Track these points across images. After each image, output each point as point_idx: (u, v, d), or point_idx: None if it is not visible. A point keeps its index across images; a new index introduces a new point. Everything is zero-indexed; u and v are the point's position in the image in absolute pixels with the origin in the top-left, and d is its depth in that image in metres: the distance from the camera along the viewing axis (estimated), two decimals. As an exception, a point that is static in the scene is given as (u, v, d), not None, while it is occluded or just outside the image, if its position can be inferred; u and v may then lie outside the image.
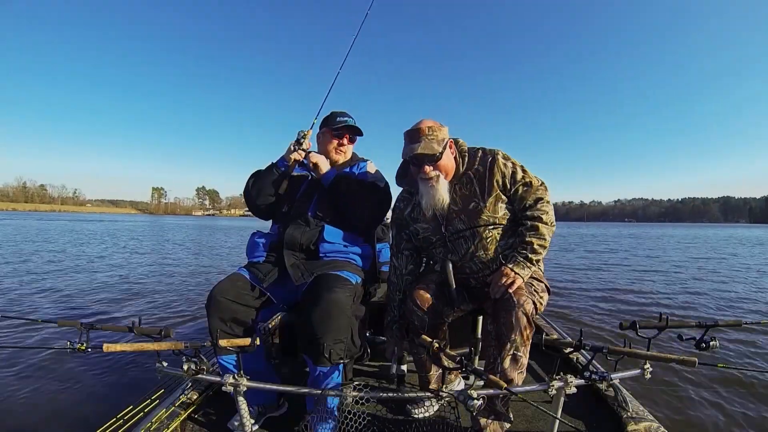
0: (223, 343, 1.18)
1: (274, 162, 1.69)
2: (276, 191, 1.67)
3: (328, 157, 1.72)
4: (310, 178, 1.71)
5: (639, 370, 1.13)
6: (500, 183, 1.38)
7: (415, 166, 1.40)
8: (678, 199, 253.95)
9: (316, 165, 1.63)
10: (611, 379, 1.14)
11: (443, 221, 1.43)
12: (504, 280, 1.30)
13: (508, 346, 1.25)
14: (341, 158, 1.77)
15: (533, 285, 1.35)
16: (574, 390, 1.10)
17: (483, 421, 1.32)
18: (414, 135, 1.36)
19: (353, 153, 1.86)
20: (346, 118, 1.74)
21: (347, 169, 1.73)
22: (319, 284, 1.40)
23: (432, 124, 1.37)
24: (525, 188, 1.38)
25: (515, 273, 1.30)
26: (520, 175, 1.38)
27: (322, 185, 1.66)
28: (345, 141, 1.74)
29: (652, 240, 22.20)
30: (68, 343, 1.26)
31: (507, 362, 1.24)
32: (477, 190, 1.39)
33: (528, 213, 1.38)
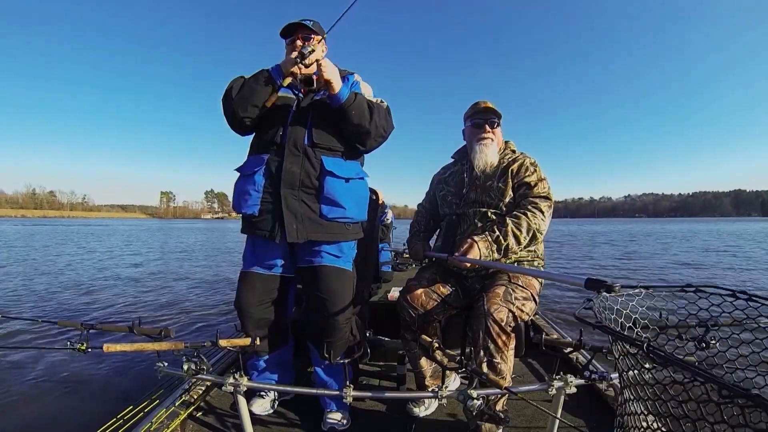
0: (223, 343, 1.18)
1: (266, 69, 1.38)
2: (263, 104, 1.37)
3: (291, 68, 1.35)
4: (297, 101, 1.44)
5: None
6: (513, 172, 1.50)
7: (478, 122, 1.60)
8: (689, 194, 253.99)
9: (328, 82, 1.31)
10: (611, 379, 1.14)
11: (465, 188, 1.60)
12: (464, 246, 1.34)
13: (482, 353, 1.25)
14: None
15: (513, 293, 1.33)
16: (574, 390, 1.10)
17: (479, 420, 1.33)
18: (485, 102, 1.62)
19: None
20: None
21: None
22: (317, 282, 1.40)
23: None
24: (527, 188, 1.46)
25: (478, 247, 1.32)
26: (533, 177, 1.47)
27: (314, 109, 1.41)
28: (298, 40, 1.41)
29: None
30: (68, 343, 1.26)
31: (484, 368, 1.24)
32: (498, 173, 1.53)
33: (519, 209, 1.43)
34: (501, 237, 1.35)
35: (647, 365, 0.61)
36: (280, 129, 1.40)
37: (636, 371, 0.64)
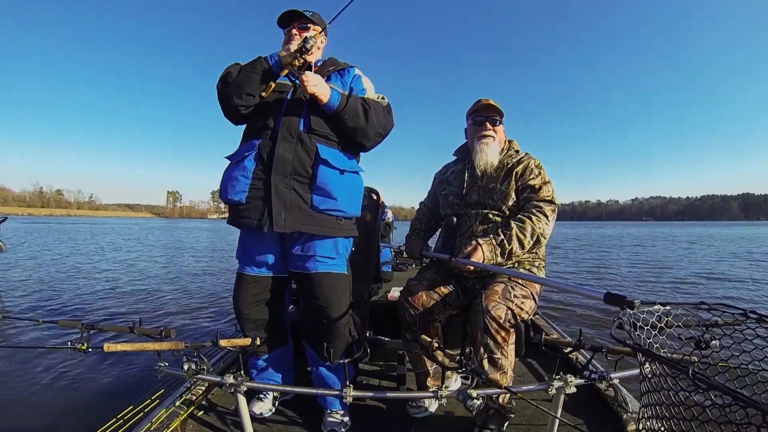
0: (223, 343, 1.18)
1: (263, 57, 1.34)
2: (259, 94, 1.34)
3: (291, 61, 1.34)
4: (294, 87, 1.40)
5: (639, 370, 1.13)
6: (518, 174, 1.48)
7: (478, 119, 1.58)
8: (696, 197, 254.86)
9: (314, 96, 1.29)
10: (611, 379, 1.14)
11: (466, 188, 1.58)
12: (468, 249, 1.34)
13: (482, 350, 1.26)
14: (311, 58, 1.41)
15: (512, 290, 1.32)
16: (573, 390, 1.10)
17: (480, 420, 1.33)
18: (486, 99, 1.59)
19: (332, 58, 1.53)
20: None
21: (335, 75, 1.46)
22: (313, 289, 1.38)
23: None
24: (531, 191, 1.45)
25: (482, 250, 1.32)
26: (537, 180, 1.46)
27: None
28: (294, 30, 1.41)
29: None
30: (69, 343, 1.26)
31: (485, 365, 1.25)
32: (501, 175, 1.51)
33: (523, 213, 1.43)
34: (505, 241, 1.35)
35: (689, 388, 0.61)
36: (275, 114, 1.36)
37: (671, 392, 0.64)
